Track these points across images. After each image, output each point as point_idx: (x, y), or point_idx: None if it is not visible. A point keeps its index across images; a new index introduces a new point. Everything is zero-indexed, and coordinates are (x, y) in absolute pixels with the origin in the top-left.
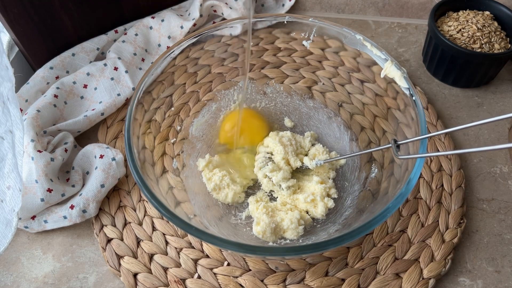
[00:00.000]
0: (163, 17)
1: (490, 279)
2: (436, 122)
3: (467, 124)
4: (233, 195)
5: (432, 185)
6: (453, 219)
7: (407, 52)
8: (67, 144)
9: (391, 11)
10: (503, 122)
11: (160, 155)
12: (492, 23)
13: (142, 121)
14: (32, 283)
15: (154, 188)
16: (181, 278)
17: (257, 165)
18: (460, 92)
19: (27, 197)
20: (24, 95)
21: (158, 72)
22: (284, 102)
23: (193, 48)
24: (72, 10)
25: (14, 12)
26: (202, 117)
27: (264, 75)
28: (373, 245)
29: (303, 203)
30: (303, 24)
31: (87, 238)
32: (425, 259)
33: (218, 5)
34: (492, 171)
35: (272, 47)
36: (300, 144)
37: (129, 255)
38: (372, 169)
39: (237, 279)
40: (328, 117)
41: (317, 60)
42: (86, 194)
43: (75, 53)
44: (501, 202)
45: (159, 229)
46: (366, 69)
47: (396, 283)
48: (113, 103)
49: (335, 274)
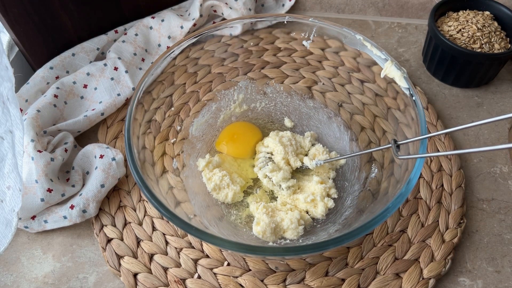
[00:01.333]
0: (163, 17)
1: (490, 279)
2: (436, 122)
3: (467, 125)
4: (233, 195)
5: (432, 185)
6: (453, 219)
7: (407, 52)
8: (67, 144)
9: (391, 11)
10: (503, 122)
11: (160, 155)
12: (492, 23)
13: (142, 121)
14: (32, 283)
15: (154, 188)
16: (181, 278)
17: (257, 165)
18: (460, 92)
19: (27, 197)
20: (24, 95)
21: (158, 72)
22: (284, 102)
23: (193, 48)
24: (72, 10)
25: (14, 12)
26: (202, 117)
27: (264, 75)
28: (373, 245)
29: (303, 203)
30: (303, 24)
31: (87, 238)
32: (425, 259)
33: (218, 5)
34: (492, 171)
35: (272, 47)
36: (300, 144)
37: (129, 255)
38: (372, 169)
39: (237, 279)
40: (328, 117)
41: (317, 60)
42: (86, 194)
43: (75, 53)
44: (501, 202)
45: (159, 229)
46: (366, 69)
47: (396, 283)
48: (113, 103)
49: (335, 274)
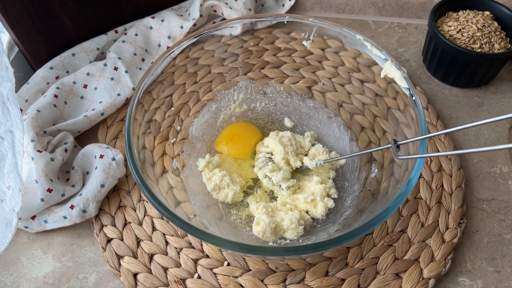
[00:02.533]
0: (163, 17)
1: (490, 279)
2: (436, 122)
3: (467, 125)
4: (233, 195)
5: (432, 185)
6: (453, 219)
7: (407, 52)
8: (67, 144)
9: (391, 11)
10: (503, 122)
11: (160, 155)
12: (492, 23)
13: (142, 121)
14: (32, 283)
15: (154, 188)
16: (181, 278)
17: (257, 165)
18: (460, 92)
19: (27, 197)
20: (24, 95)
21: (158, 72)
22: (284, 102)
23: (193, 48)
24: (72, 10)
25: (14, 12)
26: (202, 117)
27: (264, 75)
28: (373, 245)
29: (303, 203)
30: (303, 24)
31: (87, 238)
32: (425, 259)
33: (218, 5)
34: (492, 171)
35: (272, 47)
36: (300, 144)
37: (129, 255)
38: (372, 169)
39: (237, 279)
40: (328, 117)
41: (317, 60)
42: (86, 194)
43: (75, 53)
44: (501, 202)
45: (159, 229)
46: (366, 69)
47: (396, 283)
48: (113, 103)
49: (335, 274)
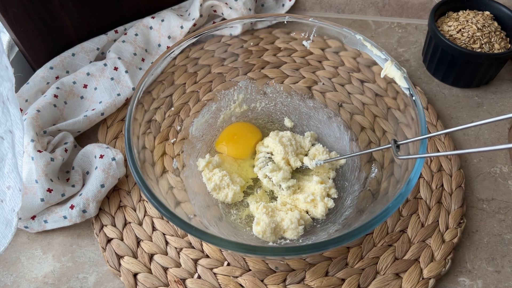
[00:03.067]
0: (163, 17)
1: (490, 279)
2: (436, 122)
3: (467, 125)
4: (233, 195)
5: (432, 185)
6: (453, 219)
7: (407, 52)
8: (67, 144)
9: (391, 11)
10: (503, 122)
11: (160, 155)
12: (492, 23)
13: (142, 121)
14: (32, 283)
15: (154, 188)
16: (181, 278)
17: (257, 165)
18: (460, 92)
19: (27, 197)
20: (24, 95)
21: (158, 72)
22: (284, 102)
23: (193, 48)
24: (72, 10)
25: (14, 12)
26: (202, 117)
27: (264, 75)
28: (373, 245)
29: (303, 203)
30: (303, 24)
31: (87, 238)
32: (425, 259)
33: (218, 5)
34: (492, 171)
35: (272, 47)
36: (300, 144)
37: (129, 255)
38: (372, 169)
39: (237, 279)
40: (328, 117)
41: (317, 60)
42: (86, 194)
43: (75, 53)
44: (501, 202)
45: (159, 229)
46: (366, 69)
47: (396, 283)
48: (113, 103)
49: (335, 274)
